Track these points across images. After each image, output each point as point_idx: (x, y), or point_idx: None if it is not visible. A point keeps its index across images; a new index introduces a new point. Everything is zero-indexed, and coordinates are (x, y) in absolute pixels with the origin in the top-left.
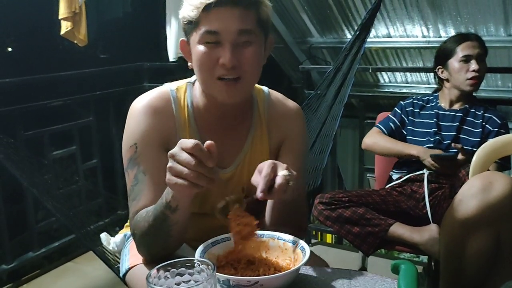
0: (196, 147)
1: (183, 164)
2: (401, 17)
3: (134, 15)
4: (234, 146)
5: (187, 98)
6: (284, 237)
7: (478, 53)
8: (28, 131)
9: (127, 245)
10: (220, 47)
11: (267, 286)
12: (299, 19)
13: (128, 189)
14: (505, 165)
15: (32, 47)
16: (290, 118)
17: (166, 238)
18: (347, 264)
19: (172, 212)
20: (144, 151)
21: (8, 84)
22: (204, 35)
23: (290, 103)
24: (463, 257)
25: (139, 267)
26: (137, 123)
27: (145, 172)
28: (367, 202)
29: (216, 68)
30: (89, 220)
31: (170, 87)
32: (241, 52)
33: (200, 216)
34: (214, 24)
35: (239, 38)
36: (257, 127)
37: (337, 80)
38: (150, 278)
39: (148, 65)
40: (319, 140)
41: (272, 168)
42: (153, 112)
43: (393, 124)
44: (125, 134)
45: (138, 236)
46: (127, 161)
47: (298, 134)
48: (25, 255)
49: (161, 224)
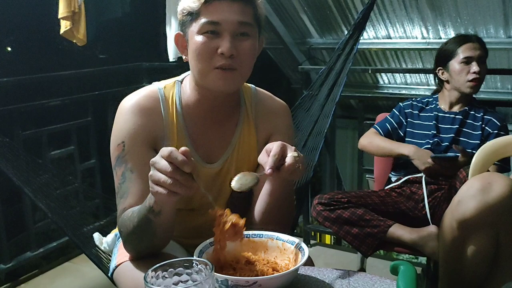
0: (171, 154)
1: (161, 171)
2: (401, 18)
3: (133, 15)
4: (222, 142)
5: (175, 96)
6: (283, 238)
7: (479, 55)
8: (26, 130)
9: (117, 244)
10: (219, 37)
11: (266, 286)
12: (298, 20)
13: (116, 187)
14: (505, 166)
15: (30, 46)
16: (277, 114)
17: (151, 238)
18: (346, 265)
19: (155, 216)
20: (132, 149)
21: (7, 84)
22: (204, 25)
23: (277, 100)
24: (462, 258)
25: (126, 264)
26: (125, 121)
27: (132, 170)
28: (366, 203)
29: (214, 57)
30: (86, 221)
31: (158, 86)
32: (239, 44)
33: (187, 212)
34: (215, 15)
35: (238, 29)
36: (245, 122)
37: (329, 80)
38: (147, 278)
39: (147, 65)
40: (311, 138)
41: (281, 148)
42: (141, 111)
43: (389, 125)
44: (113, 133)
45: (124, 234)
46: (115, 159)
47: (285, 129)
48: (23, 255)
49: (146, 226)
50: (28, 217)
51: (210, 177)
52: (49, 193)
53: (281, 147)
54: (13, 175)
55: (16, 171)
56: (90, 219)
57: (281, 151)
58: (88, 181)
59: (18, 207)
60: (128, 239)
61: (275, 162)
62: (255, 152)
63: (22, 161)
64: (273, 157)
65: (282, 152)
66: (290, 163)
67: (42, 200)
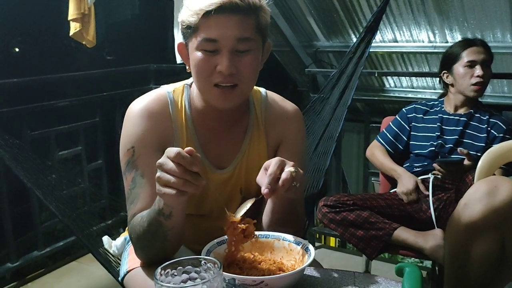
0: (178, 155)
1: (169, 173)
2: (408, 22)
3: (142, 17)
4: (232, 147)
5: (184, 100)
6: (289, 238)
7: (483, 59)
8: (35, 131)
9: (127, 248)
10: (218, 54)
11: (272, 286)
12: (305, 23)
13: (126, 192)
14: (510, 170)
15: (40, 47)
16: (288, 119)
17: (163, 242)
18: (350, 268)
19: (166, 219)
20: (142, 154)
21: (15, 84)
22: (203, 42)
23: (288, 104)
24: (467, 261)
25: (137, 270)
26: (134, 126)
27: (142, 175)
28: (371, 206)
29: (213, 75)
30: (93, 221)
31: (167, 89)
32: (239, 60)
33: (197, 217)
34: (213, 31)
35: (237, 46)
36: (254, 128)
37: (341, 83)
38: (157, 275)
39: (155, 67)
40: (322, 142)
41: (278, 165)
42: (150, 115)
43: (391, 134)
44: (122, 138)
45: (135, 240)
46: (125, 165)
47: (296, 135)
48: (29, 254)
49: (156, 230)
50: (35, 217)
51: (220, 182)
52: (58, 195)
53: (279, 164)
54: (24, 177)
55: (26, 173)
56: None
57: (279, 168)
58: (95, 182)
59: (25, 207)
60: (139, 244)
61: (272, 182)
62: (265, 158)
63: (31, 162)
64: (269, 177)
65: (280, 170)
66: (285, 178)
67: (52, 203)
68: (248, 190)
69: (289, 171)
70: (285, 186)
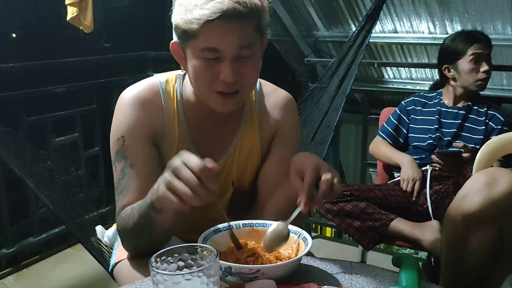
0: (203, 169)
1: (184, 181)
2: (408, 13)
3: (140, 3)
4: (224, 139)
5: (176, 91)
6: None
7: (487, 54)
8: (31, 116)
9: (118, 239)
10: (219, 62)
11: (269, 274)
12: (305, 12)
13: (115, 182)
14: (509, 162)
15: (37, 32)
16: (282, 108)
17: (151, 235)
18: (347, 258)
19: (157, 213)
20: (132, 144)
21: (12, 69)
22: (203, 52)
23: (281, 93)
24: (465, 252)
25: (125, 262)
26: (125, 115)
27: (132, 166)
28: (368, 197)
29: (215, 82)
30: (87, 209)
31: (159, 79)
32: (242, 66)
33: None
34: (215, 40)
35: (239, 53)
36: (248, 120)
37: (340, 71)
38: (153, 263)
39: (153, 54)
40: (320, 131)
41: (314, 175)
42: (141, 104)
43: (390, 126)
44: (112, 127)
45: (123, 232)
46: (114, 154)
47: (291, 125)
48: (25, 240)
49: (145, 223)
50: (31, 203)
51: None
52: (51, 184)
53: (314, 174)
54: (15, 166)
55: (18, 161)
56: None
57: (315, 177)
58: (91, 169)
59: (21, 193)
60: (127, 237)
61: (310, 197)
62: (258, 150)
63: (25, 151)
64: (307, 191)
65: (316, 179)
66: (324, 189)
67: (44, 192)
68: (240, 182)
69: (326, 180)
70: (324, 196)
